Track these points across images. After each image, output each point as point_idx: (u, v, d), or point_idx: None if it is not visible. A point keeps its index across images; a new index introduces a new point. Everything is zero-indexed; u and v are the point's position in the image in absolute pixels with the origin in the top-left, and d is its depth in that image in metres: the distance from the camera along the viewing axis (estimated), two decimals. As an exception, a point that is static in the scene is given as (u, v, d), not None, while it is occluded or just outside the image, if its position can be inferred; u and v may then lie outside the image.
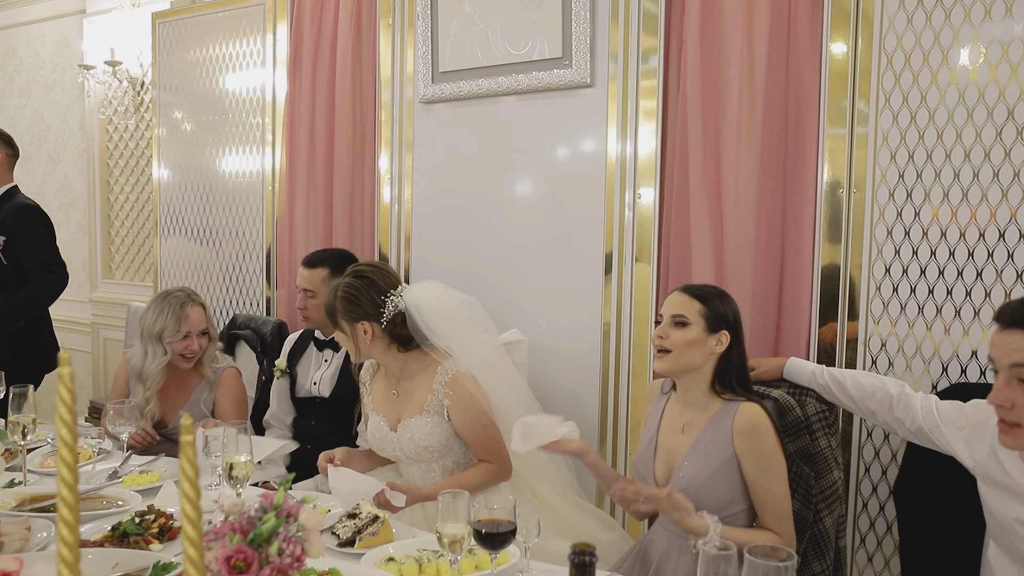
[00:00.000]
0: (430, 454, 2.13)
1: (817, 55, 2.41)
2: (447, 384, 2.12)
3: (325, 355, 2.81)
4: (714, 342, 1.82)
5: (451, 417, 2.13)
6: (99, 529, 1.66)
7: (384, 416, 2.21)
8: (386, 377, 2.26)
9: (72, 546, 0.80)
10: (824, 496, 1.94)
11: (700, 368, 1.84)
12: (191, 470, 0.73)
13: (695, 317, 1.81)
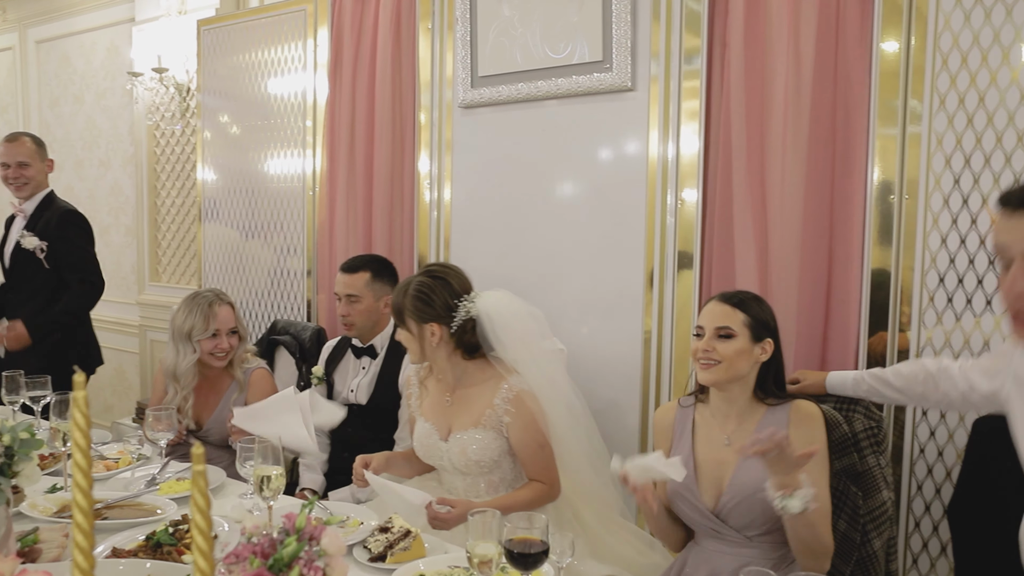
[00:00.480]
0: (479, 468, 2.08)
1: (867, 54, 2.32)
2: (510, 401, 2.05)
3: (363, 362, 2.78)
4: (759, 351, 1.78)
5: (509, 434, 2.07)
6: (133, 538, 1.67)
7: (434, 424, 2.15)
8: (439, 383, 2.20)
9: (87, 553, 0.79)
10: (873, 517, 1.86)
11: (745, 377, 1.79)
12: (202, 500, 0.70)
13: (740, 328, 1.76)
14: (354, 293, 2.70)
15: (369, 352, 2.76)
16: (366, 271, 2.73)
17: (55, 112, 5.70)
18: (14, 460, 1.41)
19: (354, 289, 2.70)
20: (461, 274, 2.19)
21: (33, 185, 3.49)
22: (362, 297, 2.69)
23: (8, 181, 3.45)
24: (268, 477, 1.60)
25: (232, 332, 2.62)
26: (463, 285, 2.15)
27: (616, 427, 2.71)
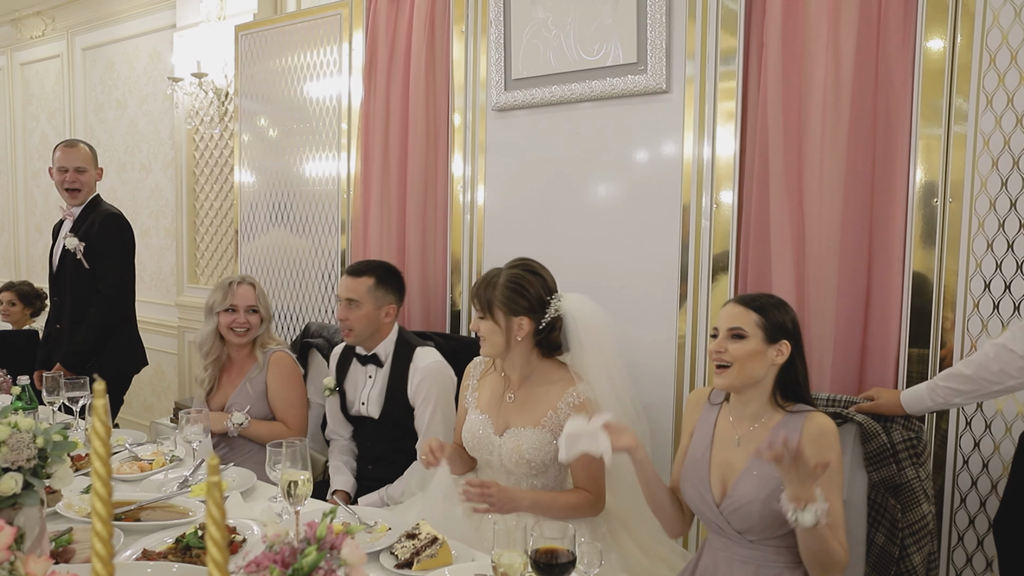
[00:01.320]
0: (529, 468, 2.06)
1: (910, 53, 2.26)
2: (574, 407, 2.04)
3: (368, 371, 2.71)
4: (774, 353, 1.74)
5: None
6: (163, 540, 1.68)
7: (490, 417, 2.13)
8: (501, 378, 2.18)
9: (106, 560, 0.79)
10: (912, 531, 1.80)
11: (761, 381, 1.76)
12: (217, 512, 0.70)
13: (752, 328, 1.73)
14: (355, 298, 2.61)
15: (374, 360, 2.69)
16: (370, 276, 2.65)
17: (99, 117, 5.82)
18: (47, 462, 1.43)
19: (355, 293, 2.61)
20: (549, 272, 2.20)
21: (86, 191, 3.56)
22: (363, 303, 2.61)
23: (64, 185, 3.51)
24: (295, 482, 1.60)
25: (251, 310, 2.76)
26: (553, 283, 2.16)
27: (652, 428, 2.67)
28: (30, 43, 6.34)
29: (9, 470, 1.37)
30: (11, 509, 1.37)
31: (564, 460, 1.82)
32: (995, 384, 1.76)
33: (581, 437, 1.77)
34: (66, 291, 3.57)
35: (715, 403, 1.89)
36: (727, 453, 1.79)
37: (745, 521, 1.72)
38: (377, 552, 1.65)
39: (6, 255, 6.93)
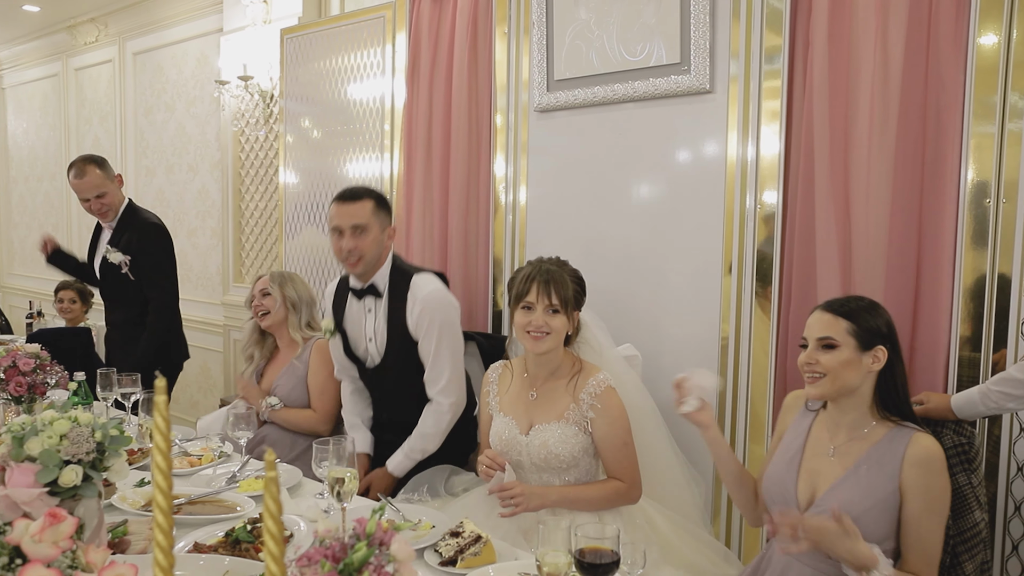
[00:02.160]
0: (559, 463, 2.06)
1: (962, 49, 2.21)
2: (597, 396, 2.06)
3: (367, 304, 2.60)
4: (870, 360, 1.66)
5: (594, 429, 2.07)
6: (214, 534, 1.72)
7: (515, 418, 2.15)
8: (524, 378, 2.20)
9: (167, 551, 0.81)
10: (964, 539, 1.76)
11: (858, 389, 1.69)
12: (274, 506, 0.71)
13: (843, 337, 1.66)
14: (361, 223, 2.47)
15: (372, 292, 2.57)
16: (369, 199, 2.53)
17: (148, 120, 5.96)
18: (105, 455, 1.47)
19: (361, 219, 2.48)
20: None
21: (114, 209, 3.50)
22: (369, 227, 2.49)
23: (93, 213, 3.51)
24: (342, 479, 1.62)
25: (264, 293, 2.96)
26: None
27: (691, 433, 2.64)
28: (84, 49, 6.52)
29: (70, 463, 1.41)
30: (71, 500, 1.42)
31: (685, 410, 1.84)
32: None
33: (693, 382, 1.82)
34: (116, 297, 3.63)
35: (811, 409, 1.83)
36: (818, 461, 1.74)
37: None
38: (421, 549, 1.67)
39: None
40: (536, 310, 2.07)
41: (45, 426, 1.43)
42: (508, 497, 1.95)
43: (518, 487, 1.97)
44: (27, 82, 7.38)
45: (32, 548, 1.16)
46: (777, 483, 1.79)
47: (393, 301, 2.54)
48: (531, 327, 2.07)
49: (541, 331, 2.06)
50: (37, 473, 1.37)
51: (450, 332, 2.52)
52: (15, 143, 7.68)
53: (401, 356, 2.55)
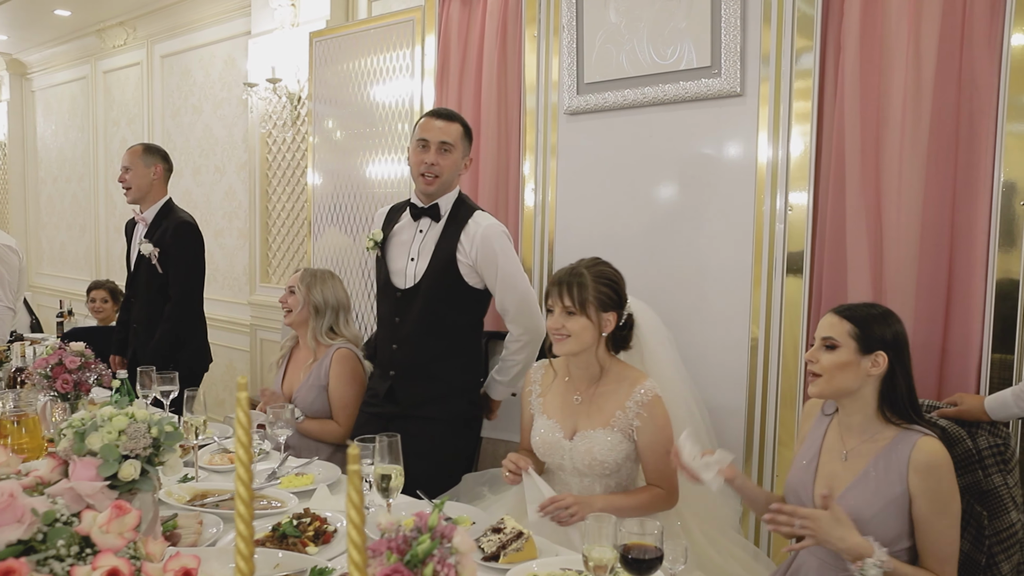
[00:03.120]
0: (602, 469, 2.08)
1: (996, 51, 2.22)
2: (644, 405, 2.06)
3: (421, 225, 2.61)
4: (869, 364, 1.71)
5: (639, 437, 2.08)
6: (260, 529, 1.76)
7: (558, 422, 2.16)
8: (566, 381, 2.20)
9: (248, 540, 0.85)
10: (1000, 539, 1.78)
11: (858, 392, 1.74)
12: (357, 497, 0.75)
13: (844, 339, 1.71)
14: (450, 141, 2.53)
15: (431, 213, 2.58)
16: (460, 123, 2.58)
17: (176, 121, 6.05)
18: (160, 451, 1.51)
19: (451, 137, 2.53)
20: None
21: (135, 191, 3.60)
22: (455, 148, 2.54)
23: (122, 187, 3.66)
24: (388, 476, 1.66)
25: (290, 291, 2.99)
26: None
27: (721, 431, 2.67)
28: (112, 52, 6.62)
29: (128, 457, 1.46)
30: (128, 494, 1.46)
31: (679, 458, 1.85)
32: None
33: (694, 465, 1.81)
34: (140, 292, 3.70)
35: (827, 414, 1.87)
36: (833, 465, 1.78)
37: None
38: (463, 545, 1.70)
39: (87, 255, 7.24)
40: (555, 312, 2.09)
41: (104, 422, 1.48)
42: (563, 508, 1.93)
43: (569, 498, 1.96)
44: (56, 85, 7.50)
45: (101, 538, 1.20)
46: (796, 488, 1.83)
47: (449, 227, 2.55)
48: (551, 329, 2.10)
49: (560, 333, 2.07)
50: (98, 467, 1.42)
51: (515, 260, 2.58)
52: (44, 144, 7.80)
53: (436, 282, 2.54)
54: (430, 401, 2.57)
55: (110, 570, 1.12)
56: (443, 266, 2.53)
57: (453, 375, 2.61)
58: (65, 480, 1.40)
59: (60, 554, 1.18)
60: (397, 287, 2.61)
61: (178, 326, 3.57)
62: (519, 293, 2.55)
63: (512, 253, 2.59)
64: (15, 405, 2.12)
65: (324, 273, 3.02)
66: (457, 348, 2.61)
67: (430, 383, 2.58)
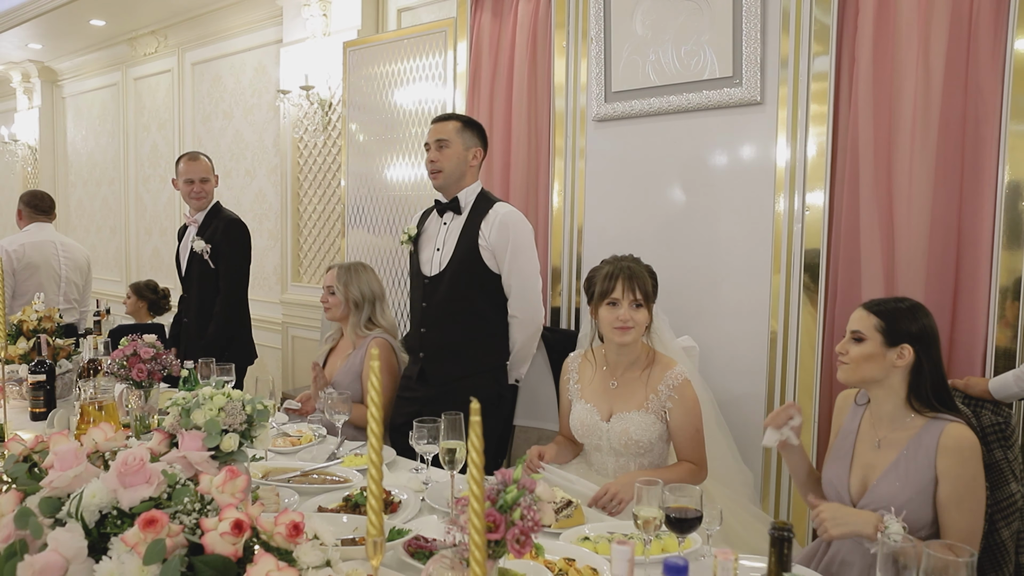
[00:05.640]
0: (637, 448, 2.27)
1: (1000, 59, 2.40)
2: (675, 388, 2.26)
3: (445, 219, 2.84)
4: (895, 356, 1.82)
5: (671, 419, 2.26)
6: (335, 499, 1.95)
7: (595, 405, 2.35)
8: (605, 367, 2.38)
9: (378, 497, 1.04)
10: (1000, 508, 1.95)
11: (885, 381, 1.85)
12: (477, 443, 0.93)
13: (871, 332, 1.84)
14: (444, 137, 2.78)
15: (453, 207, 2.82)
16: (456, 120, 2.84)
17: (206, 127, 6.25)
18: (253, 426, 1.71)
19: (444, 133, 2.78)
20: None
21: (208, 198, 3.86)
22: (451, 142, 2.77)
23: (192, 196, 3.83)
24: (453, 450, 1.85)
25: (330, 291, 3.10)
26: None
27: (742, 420, 2.86)
28: (143, 59, 6.84)
29: (227, 431, 1.65)
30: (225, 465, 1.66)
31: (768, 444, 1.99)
32: None
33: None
34: (193, 287, 3.91)
35: (860, 404, 1.99)
36: (868, 455, 1.89)
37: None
38: (517, 513, 1.89)
39: (117, 257, 7.46)
40: (622, 305, 2.26)
41: (206, 400, 1.68)
42: (609, 500, 2.08)
43: (612, 487, 2.10)
44: (86, 91, 7.72)
45: (219, 496, 1.39)
46: (832, 477, 1.95)
47: (472, 218, 2.78)
48: (618, 322, 2.25)
49: (627, 324, 2.25)
50: (204, 439, 1.61)
51: (527, 247, 2.77)
52: (74, 149, 8.03)
53: (459, 268, 2.76)
54: (458, 379, 2.77)
55: (235, 521, 1.30)
56: (465, 253, 2.76)
57: (478, 355, 2.81)
58: (176, 450, 1.59)
59: (186, 509, 1.37)
60: (425, 275, 2.84)
61: (230, 319, 3.77)
62: (523, 277, 2.76)
63: (527, 239, 2.79)
64: (95, 393, 2.32)
65: (357, 266, 3.18)
66: (481, 330, 2.81)
67: (457, 363, 2.79)
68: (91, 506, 1.36)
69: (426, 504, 1.97)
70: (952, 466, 1.75)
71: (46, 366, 2.77)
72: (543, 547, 1.67)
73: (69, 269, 4.62)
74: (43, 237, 4.55)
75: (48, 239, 4.58)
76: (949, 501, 1.76)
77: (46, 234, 4.59)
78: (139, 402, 2.45)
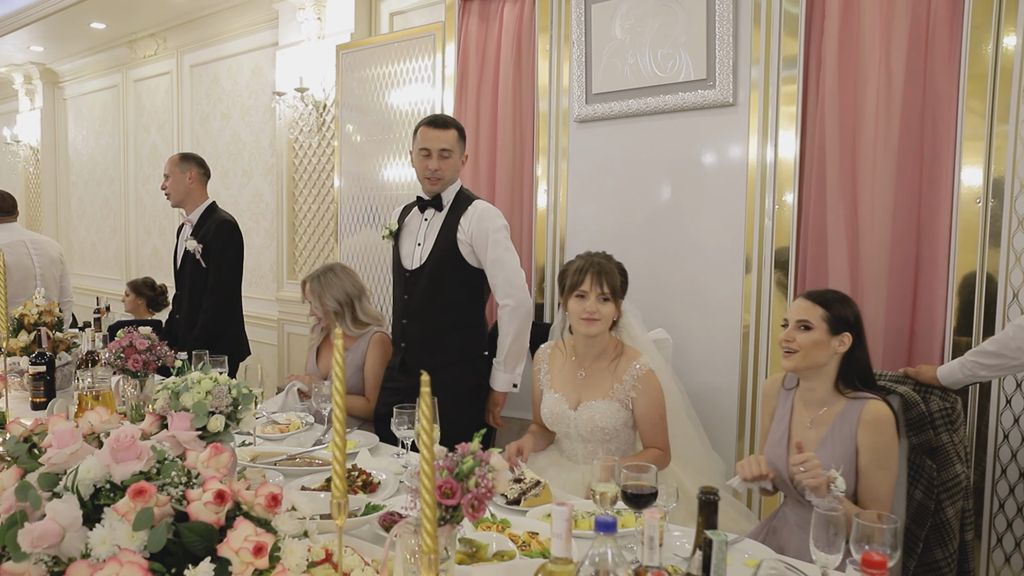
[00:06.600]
0: (603, 435, 2.39)
1: (955, 65, 2.51)
2: (639, 378, 2.38)
3: (427, 215, 2.95)
4: (837, 343, 2.00)
5: (635, 407, 2.38)
6: (317, 480, 2.07)
7: (564, 394, 2.47)
8: (574, 357, 2.50)
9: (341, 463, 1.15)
10: (946, 487, 2.06)
11: (824, 367, 2.02)
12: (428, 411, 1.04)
13: (818, 321, 2.00)
14: (449, 147, 2.88)
15: (435, 204, 2.92)
16: (455, 128, 2.93)
17: (204, 128, 6.37)
18: (238, 409, 1.82)
19: (448, 144, 2.88)
20: None
21: (174, 195, 3.94)
22: (454, 152, 2.89)
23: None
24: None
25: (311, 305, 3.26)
26: None
27: (717, 410, 2.97)
28: (143, 62, 6.95)
29: (214, 413, 1.77)
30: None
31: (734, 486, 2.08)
32: (1014, 360, 2.02)
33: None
34: (185, 285, 4.02)
35: (789, 388, 2.16)
36: (802, 434, 2.05)
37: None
38: (489, 493, 2.00)
39: (118, 255, 7.58)
40: (589, 298, 2.38)
41: (194, 384, 1.79)
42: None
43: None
44: (87, 93, 7.84)
45: (204, 470, 1.51)
46: (775, 457, 2.10)
47: (451, 214, 2.91)
48: (585, 313, 2.37)
49: (593, 317, 2.37)
50: (192, 420, 1.72)
51: (504, 239, 2.88)
52: (75, 150, 8.15)
53: (439, 261, 2.88)
54: (438, 368, 2.85)
55: (217, 492, 1.41)
56: (445, 247, 2.88)
57: (458, 346, 2.92)
58: (166, 430, 1.70)
59: (174, 482, 1.48)
60: (406, 269, 2.97)
61: (216, 317, 3.88)
62: (506, 264, 2.86)
63: (504, 233, 2.89)
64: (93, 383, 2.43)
65: (325, 274, 3.26)
66: (460, 320, 2.92)
67: (437, 352, 2.89)
68: (86, 480, 1.47)
69: (404, 485, 2.08)
70: (869, 436, 1.93)
71: (46, 358, 2.88)
72: (509, 522, 1.78)
73: (43, 265, 4.67)
74: (12, 238, 4.55)
75: (17, 239, 4.58)
76: (867, 467, 1.93)
77: (15, 234, 4.60)
78: (134, 391, 2.56)
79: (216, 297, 3.88)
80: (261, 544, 1.29)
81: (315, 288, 3.24)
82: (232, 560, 1.28)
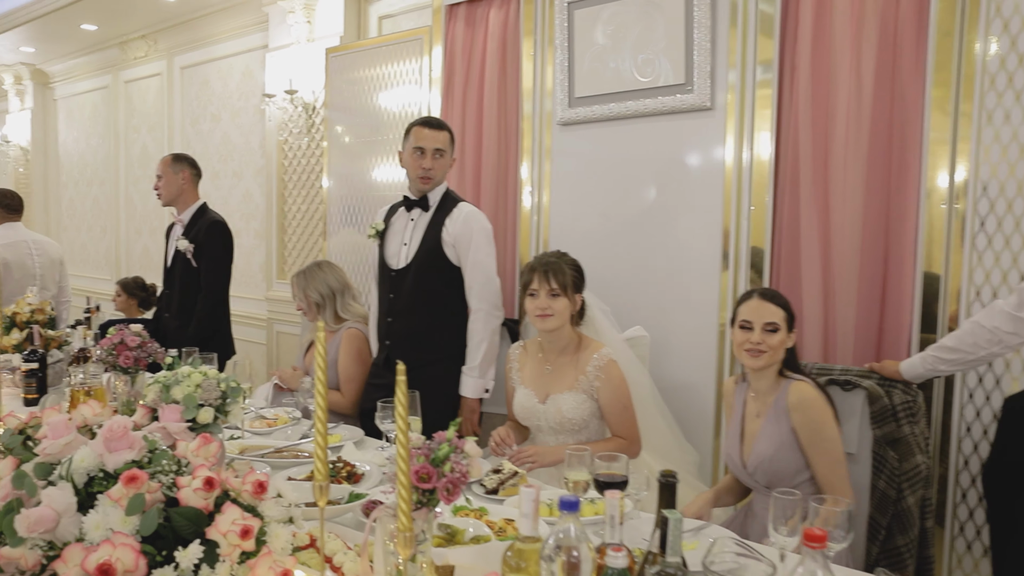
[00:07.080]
0: (572, 426, 2.47)
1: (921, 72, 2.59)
2: (601, 368, 2.46)
3: (412, 215, 3.03)
4: (790, 340, 2.14)
5: (599, 397, 2.47)
6: (303, 472, 2.14)
7: (533, 390, 2.56)
8: (540, 354, 2.59)
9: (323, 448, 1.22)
10: (907, 477, 2.15)
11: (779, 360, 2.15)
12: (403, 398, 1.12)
13: (781, 322, 2.12)
14: (442, 147, 2.97)
15: (422, 204, 3.00)
16: (448, 131, 3.02)
17: (195, 129, 6.42)
18: (227, 402, 1.89)
19: (442, 144, 2.97)
20: None
21: (165, 195, 4.00)
22: (447, 152, 2.99)
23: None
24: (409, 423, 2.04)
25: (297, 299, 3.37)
26: None
27: (694, 405, 3.06)
28: (133, 63, 7.00)
29: (203, 406, 1.84)
30: (203, 436, 1.84)
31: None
32: (970, 355, 2.11)
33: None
34: (175, 284, 4.08)
35: (741, 384, 2.28)
36: (751, 424, 2.17)
37: (765, 476, 2.09)
38: (469, 483, 2.08)
39: (108, 255, 7.62)
40: (539, 295, 2.48)
41: (184, 377, 1.86)
42: (524, 458, 2.36)
43: (530, 449, 2.40)
44: (78, 94, 7.88)
45: (193, 459, 1.58)
46: (729, 451, 2.23)
47: (437, 215, 2.98)
48: (537, 309, 2.48)
49: (546, 312, 2.47)
50: (182, 412, 1.79)
51: (486, 243, 2.97)
52: (65, 150, 8.19)
53: (424, 261, 2.96)
54: (423, 366, 2.90)
55: (206, 479, 1.49)
56: (430, 247, 2.96)
57: (441, 343, 3.00)
58: (157, 422, 1.77)
59: (164, 469, 1.55)
60: (392, 268, 3.04)
61: (210, 317, 3.94)
62: (484, 270, 2.95)
63: (487, 237, 2.98)
64: (84, 379, 2.50)
65: (313, 268, 3.37)
66: (444, 319, 3.01)
67: (421, 350, 2.97)
68: (80, 469, 1.53)
69: (387, 476, 2.15)
70: (799, 417, 2.06)
71: (38, 355, 2.94)
72: (487, 509, 1.86)
73: (44, 266, 4.74)
74: (16, 237, 4.63)
75: (21, 239, 4.66)
76: (808, 445, 2.05)
77: (18, 234, 4.66)
78: (125, 387, 2.62)
79: (212, 298, 3.95)
80: (248, 527, 1.36)
81: (300, 281, 3.35)
82: (220, 542, 1.35)
